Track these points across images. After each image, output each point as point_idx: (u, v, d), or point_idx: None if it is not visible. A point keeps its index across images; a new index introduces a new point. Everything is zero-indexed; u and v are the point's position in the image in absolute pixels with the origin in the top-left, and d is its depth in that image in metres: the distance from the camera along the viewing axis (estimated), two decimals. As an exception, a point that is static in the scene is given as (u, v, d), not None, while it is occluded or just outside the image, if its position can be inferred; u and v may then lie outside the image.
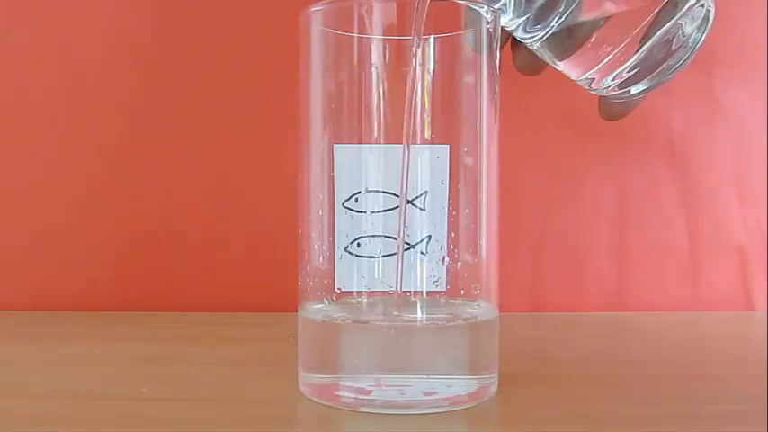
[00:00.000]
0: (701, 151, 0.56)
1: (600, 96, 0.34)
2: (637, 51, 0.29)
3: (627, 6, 0.29)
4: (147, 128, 0.54)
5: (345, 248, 0.29)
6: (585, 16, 0.29)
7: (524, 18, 0.30)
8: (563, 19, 0.29)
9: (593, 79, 0.31)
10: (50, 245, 0.54)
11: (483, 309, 0.30)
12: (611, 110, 0.34)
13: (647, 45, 0.29)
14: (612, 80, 0.30)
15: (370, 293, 0.29)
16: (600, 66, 0.30)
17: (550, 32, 0.30)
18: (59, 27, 0.53)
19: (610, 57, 0.29)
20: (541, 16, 0.30)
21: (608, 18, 0.29)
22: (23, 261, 0.54)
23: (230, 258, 0.54)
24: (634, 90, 0.31)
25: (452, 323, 0.29)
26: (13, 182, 0.54)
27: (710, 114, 0.56)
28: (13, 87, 0.54)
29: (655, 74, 0.30)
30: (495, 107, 0.31)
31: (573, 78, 0.32)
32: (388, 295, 0.29)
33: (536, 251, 0.55)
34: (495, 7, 0.30)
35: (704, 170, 0.56)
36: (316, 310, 0.30)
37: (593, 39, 0.29)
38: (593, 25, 0.29)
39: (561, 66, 0.31)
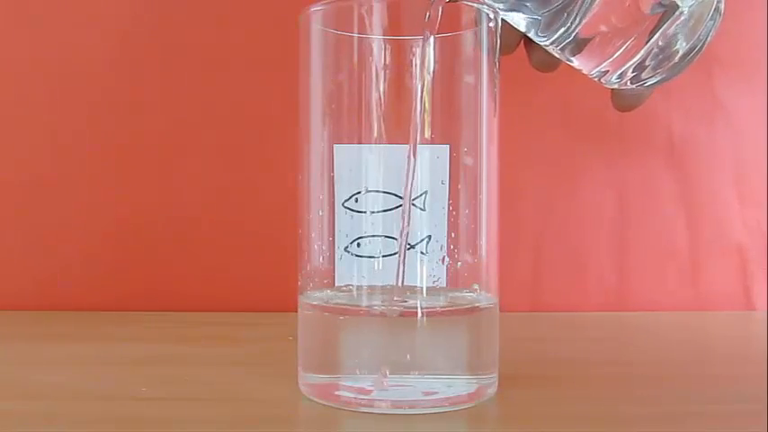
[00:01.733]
0: (701, 151, 0.56)
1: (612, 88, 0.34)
2: (647, 43, 0.29)
3: (628, 22, 0.29)
4: (147, 128, 0.54)
5: (345, 248, 0.29)
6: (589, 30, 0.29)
7: (536, 20, 0.30)
8: (573, 27, 0.29)
9: (607, 71, 0.30)
10: (50, 245, 0.54)
11: (482, 297, 0.30)
12: (624, 101, 0.34)
13: (656, 37, 0.29)
14: (623, 74, 0.30)
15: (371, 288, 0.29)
16: (612, 59, 0.30)
17: (564, 39, 0.30)
18: (59, 27, 0.53)
19: (621, 50, 0.29)
20: (552, 21, 0.29)
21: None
22: (23, 261, 0.54)
23: (230, 258, 0.54)
24: (648, 82, 0.31)
25: (452, 306, 0.29)
26: (13, 182, 0.54)
27: (711, 114, 0.56)
28: (13, 87, 0.54)
29: (667, 66, 0.30)
30: (495, 107, 0.31)
31: (586, 72, 0.31)
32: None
33: (536, 251, 0.55)
34: (506, 8, 0.30)
35: (704, 170, 0.56)
36: (317, 296, 0.30)
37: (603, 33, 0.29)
38: None
39: (575, 62, 0.31)
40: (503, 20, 0.30)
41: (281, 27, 0.38)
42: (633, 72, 0.30)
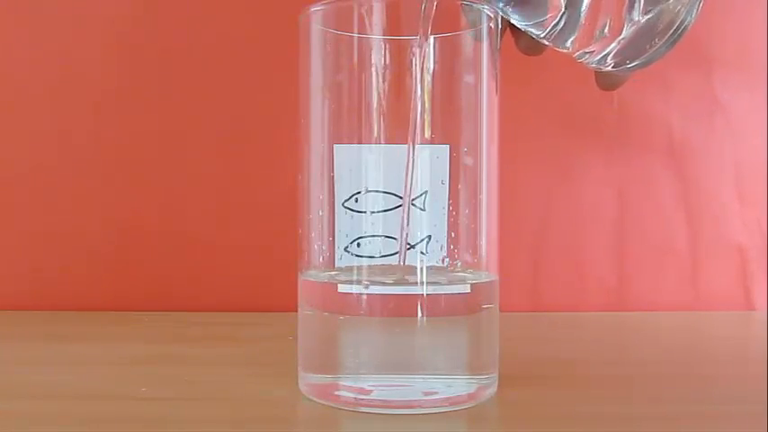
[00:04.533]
0: (701, 151, 0.56)
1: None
2: (628, 26, 0.29)
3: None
4: (148, 128, 0.54)
5: (345, 248, 0.29)
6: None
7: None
8: (561, 26, 0.29)
9: (591, 53, 0.30)
10: (50, 245, 0.54)
11: (483, 275, 0.30)
12: (608, 79, 0.34)
13: (637, 19, 0.29)
14: (605, 57, 0.30)
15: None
16: (595, 42, 0.30)
17: (552, 34, 0.30)
18: (59, 27, 0.54)
19: (604, 33, 0.29)
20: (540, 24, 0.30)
21: None
22: (23, 261, 0.54)
23: (230, 258, 0.54)
24: (631, 64, 0.31)
25: (454, 284, 0.29)
26: (12, 182, 0.54)
27: (710, 114, 0.56)
28: (13, 87, 0.54)
29: (650, 48, 0.30)
30: (496, 107, 0.31)
31: (569, 54, 0.31)
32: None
33: (536, 251, 0.55)
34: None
35: (704, 170, 0.56)
36: (320, 275, 0.30)
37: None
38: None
39: (560, 48, 0.31)
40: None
41: (281, 27, 0.38)
42: (614, 56, 0.30)
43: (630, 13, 0.29)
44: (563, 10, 0.28)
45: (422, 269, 0.29)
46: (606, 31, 0.29)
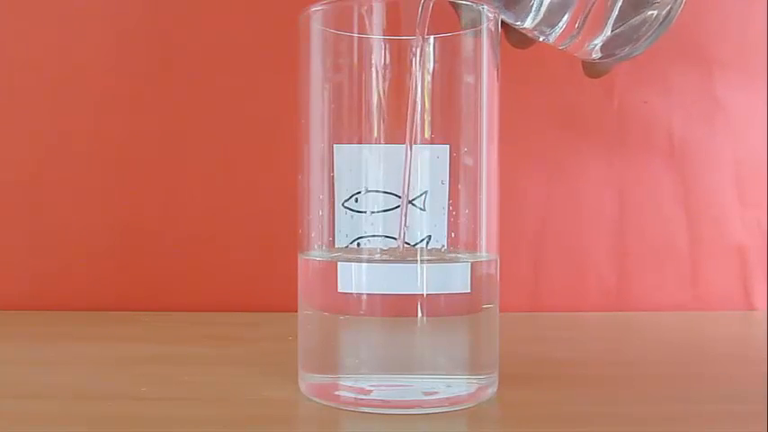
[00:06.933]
0: (701, 151, 0.56)
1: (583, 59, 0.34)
2: (612, 17, 0.29)
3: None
4: (147, 128, 0.54)
5: (345, 248, 0.29)
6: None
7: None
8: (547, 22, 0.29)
9: (576, 44, 0.30)
10: (50, 245, 0.54)
11: (483, 255, 0.30)
12: (595, 67, 0.34)
13: (621, 9, 0.29)
14: (593, 48, 0.30)
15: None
16: (581, 33, 0.30)
17: (538, 25, 0.30)
18: (59, 27, 0.54)
19: (588, 24, 0.29)
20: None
21: None
22: (23, 261, 0.54)
23: (230, 258, 0.54)
24: (617, 55, 0.31)
25: (454, 263, 0.29)
26: (13, 182, 0.54)
27: (710, 115, 0.56)
28: (12, 87, 0.54)
29: (635, 38, 0.30)
30: (496, 107, 0.31)
31: (557, 45, 0.31)
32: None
33: (536, 251, 0.55)
34: None
35: (704, 170, 0.56)
36: (317, 254, 0.30)
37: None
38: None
39: (549, 39, 0.31)
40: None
41: (281, 27, 0.38)
42: (603, 48, 0.30)
43: (611, 12, 0.29)
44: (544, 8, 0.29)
45: (421, 251, 0.29)
46: (588, 24, 0.29)
